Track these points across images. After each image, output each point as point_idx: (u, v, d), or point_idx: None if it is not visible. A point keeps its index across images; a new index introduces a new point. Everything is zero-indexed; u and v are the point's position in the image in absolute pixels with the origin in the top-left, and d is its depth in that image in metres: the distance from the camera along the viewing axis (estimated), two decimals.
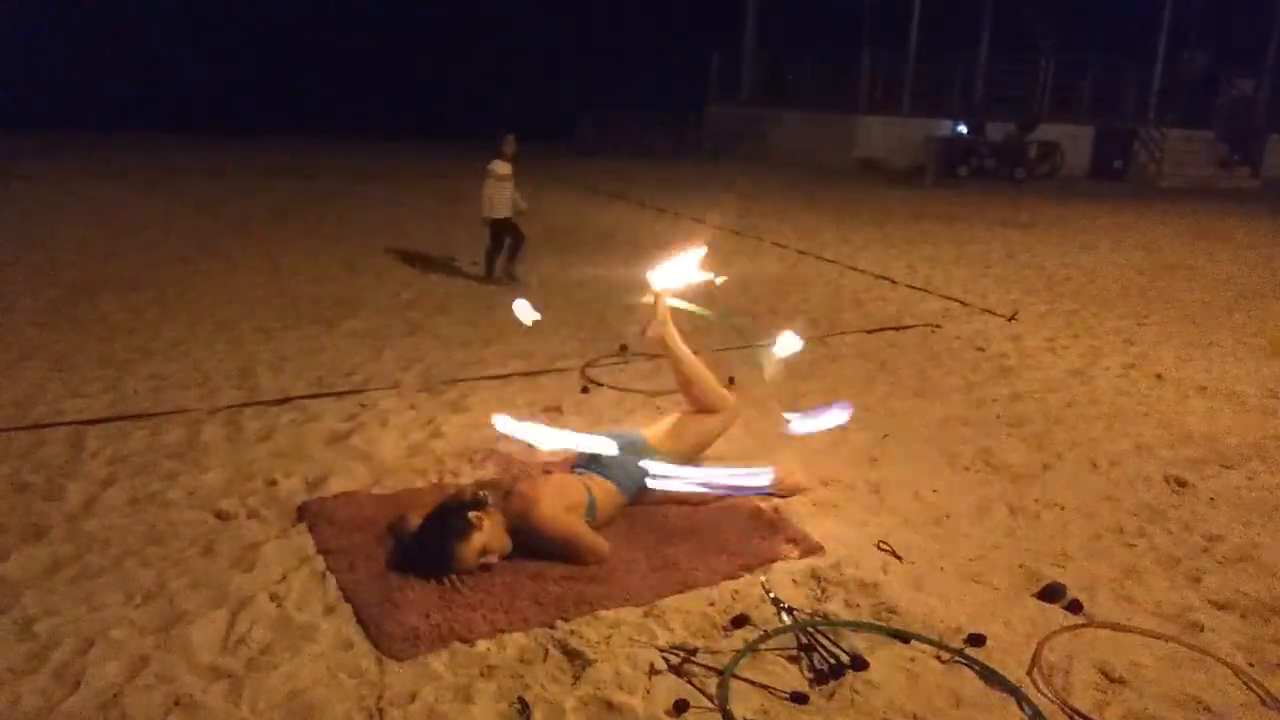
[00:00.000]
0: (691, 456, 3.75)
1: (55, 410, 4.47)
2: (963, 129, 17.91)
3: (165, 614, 2.84)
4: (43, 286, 6.89)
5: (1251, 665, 2.81)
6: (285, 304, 6.69)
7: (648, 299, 3.91)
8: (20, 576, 3.01)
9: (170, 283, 7.19)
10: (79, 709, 2.41)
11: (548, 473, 3.61)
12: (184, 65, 20.70)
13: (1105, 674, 2.73)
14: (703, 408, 3.84)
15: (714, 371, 4.00)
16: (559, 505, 3.21)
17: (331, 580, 3.06)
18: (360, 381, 5.09)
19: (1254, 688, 2.70)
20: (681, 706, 2.50)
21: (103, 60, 19.48)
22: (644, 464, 3.49)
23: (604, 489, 3.42)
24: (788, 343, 3.94)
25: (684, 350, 3.86)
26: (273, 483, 3.77)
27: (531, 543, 3.16)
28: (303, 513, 3.50)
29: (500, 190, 7.59)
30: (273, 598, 2.95)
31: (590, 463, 3.53)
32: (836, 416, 3.81)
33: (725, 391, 3.91)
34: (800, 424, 3.80)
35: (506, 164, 7.61)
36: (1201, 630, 2.97)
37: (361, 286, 7.34)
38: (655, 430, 3.74)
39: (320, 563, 3.16)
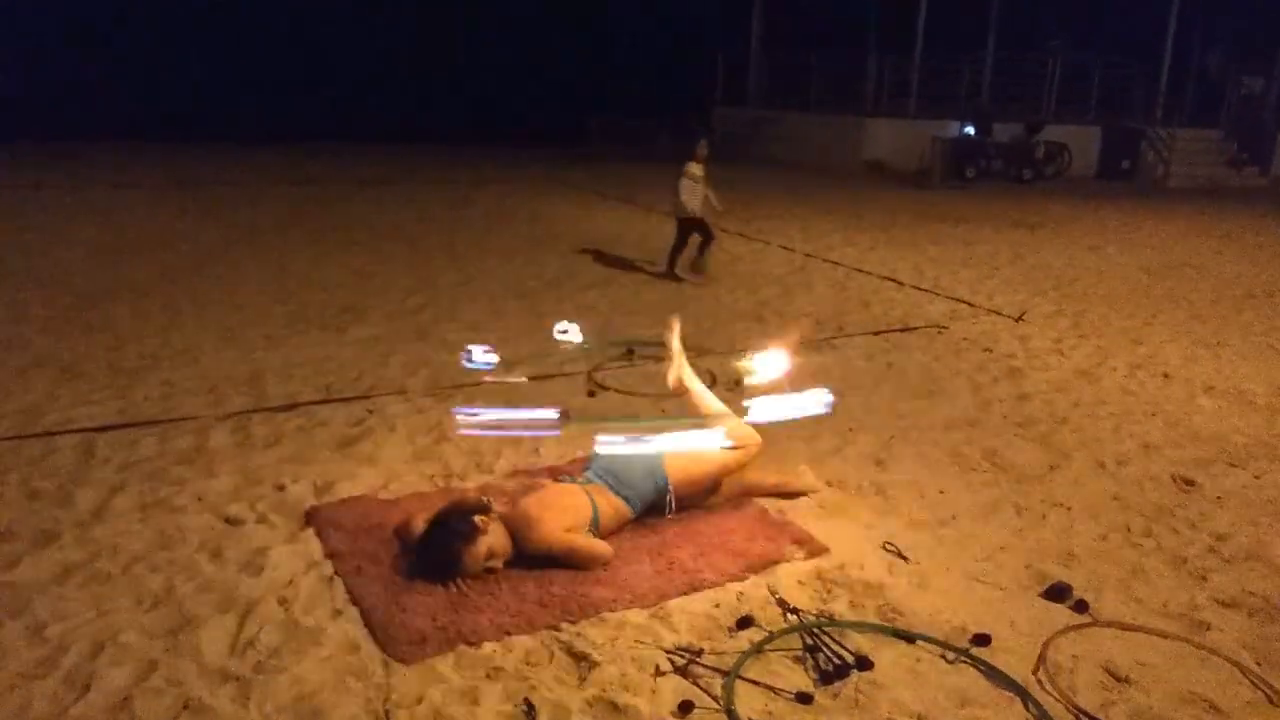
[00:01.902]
0: (704, 484, 3.63)
1: (65, 418, 4.51)
2: (970, 130, 17.87)
3: (174, 618, 2.86)
4: (53, 294, 6.94)
5: (1259, 664, 2.80)
6: (293, 310, 6.73)
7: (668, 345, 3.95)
8: (31, 582, 3.04)
9: (179, 290, 7.23)
10: (89, 713, 2.44)
11: (557, 480, 3.57)
12: (193, 74, 20.79)
13: (1111, 673, 2.73)
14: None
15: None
16: (557, 526, 3.18)
17: (339, 584, 3.08)
18: (368, 387, 5.11)
19: (1260, 686, 2.69)
20: (687, 707, 2.51)
21: (112, 70, 19.59)
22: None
23: (611, 504, 3.38)
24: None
25: (704, 392, 3.87)
26: (281, 488, 3.79)
27: (531, 557, 3.17)
28: (310, 517, 3.52)
29: (694, 190, 8.03)
30: (281, 602, 2.97)
31: (606, 475, 3.47)
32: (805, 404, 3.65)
33: (750, 429, 3.71)
34: (760, 410, 3.61)
35: (700, 165, 8.08)
36: (1208, 629, 2.97)
37: (369, 292, 7.37)
38: (678, 455, 3.58)
39: (328, 567, 3.18)
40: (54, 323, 6.21)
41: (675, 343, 3.94)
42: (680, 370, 3.93)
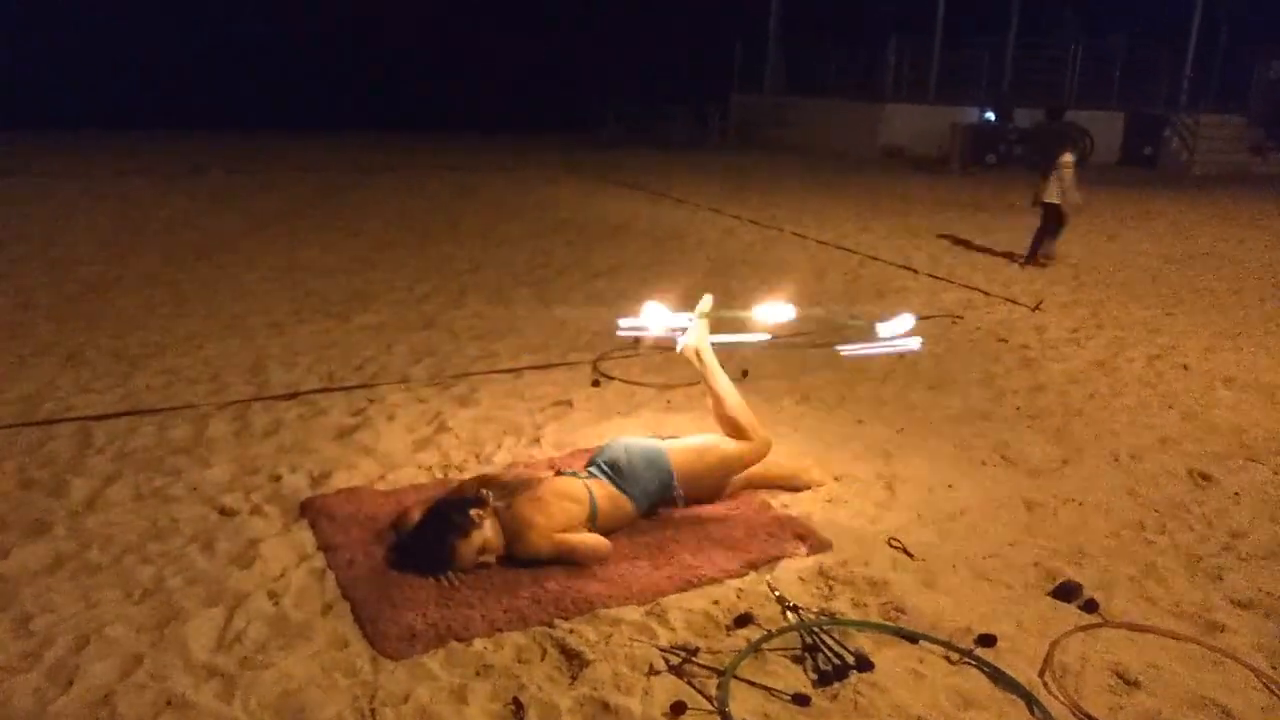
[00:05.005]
0: (711, 480, 3.57)
1: (65, 406, 4.48)
2: (990, 116, 17.65)
3: (162, 611, 2.82)
4: (60, 282, 6.93)
5: (1274, 668, 2.71)
6: (299, 298, 6.68)
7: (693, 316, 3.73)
8: (20, 573, 3.00)
9: (186, 278, 7.21)
10: (70, 708, 2.39)
11: (559, 473, 3.46)
12: (201, 62, 20.76)
13: (1120, 676, 2.64)
14: (732, 432, 3.61)
15: (726, 365, 3.87)
16: (550, 529, 3.09)
17: (330, 577, 3.03)
18: (370, 376, 5.06)
19: (1275, 690, 2.60)
20: (679, 708, 2.44)
21: (121, 57, 19.57)
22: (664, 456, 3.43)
23: (611, 499, 3.30)
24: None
25: (717, 370, 3.65)
26: (277, 478, 3.74)
27: (524, 560, 3.09)
28: (305, 509, 3.47)
29: (1066, 180, 8.36)
30: (270, 595, 2.92)
31: (609, 470, 3.39)
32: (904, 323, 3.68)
33: (757, 422, 3.67)
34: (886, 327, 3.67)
35: (1072, 156, 8.50)
36: (1222, 630, 2.88)
37: (376, 280, 7.32)
38: (680, 447, 3.54)
39: (320, 560, 3.13)
40: (59, 310, 6.19)
41: (702, 308, 3.71)
42: (698, 339, 3.68)
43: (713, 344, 3.73)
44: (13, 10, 19.18)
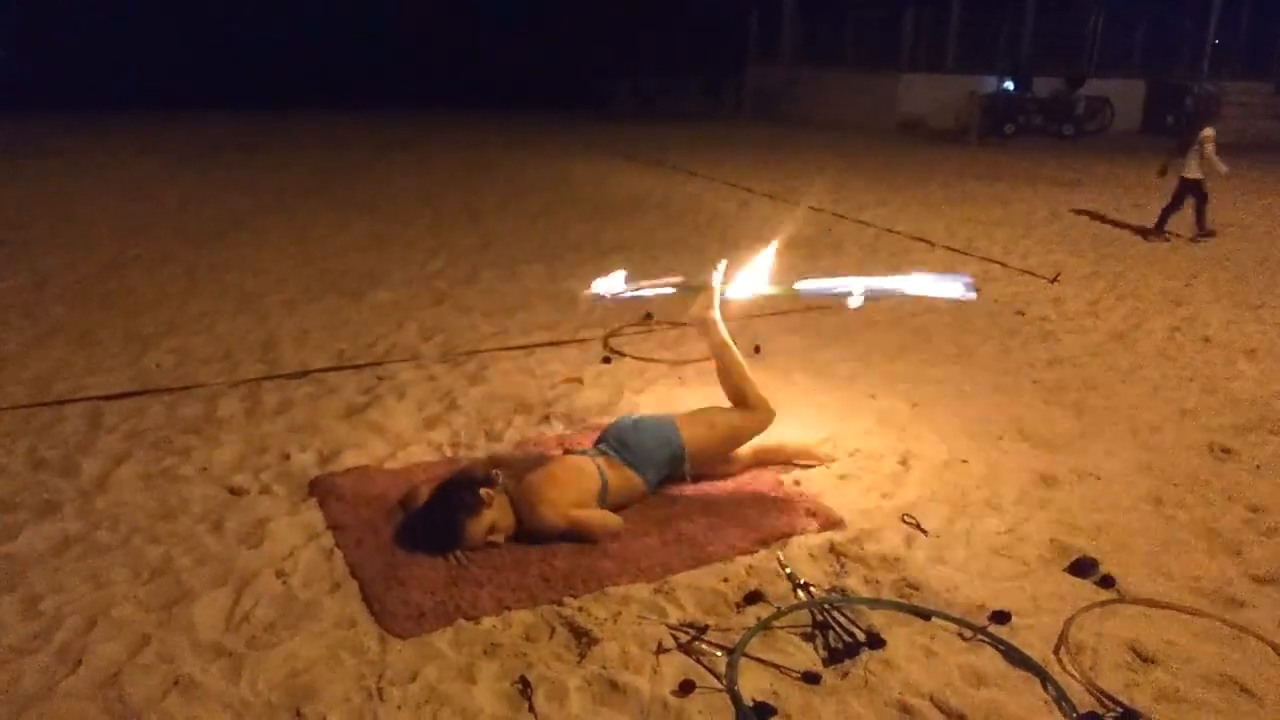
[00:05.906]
0: (720, 451, 3.55)
1: (77, 386, 4.48)
2: (1009, 85, 17.40)
3: (170, 591, 2.81)
4: (74, 262, 6.93)
5: None
6: (312, 276, 6.67)
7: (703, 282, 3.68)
8: (29, 554, 3.00)
9: (200, 257, 7.20)
10: (78, 688, 2.39)
11: (568, 451, 3.48)
12: (214, 42, 20.68)
13: (1136, 653, 2.60)
14: (738, 402, 3.62)
15: (738, 339, 3.82)
16: (563, 503, 3.09)
17: (339, 557, 3.02)
18: (381, 353, 5.04)
19: None
20: (688, 687, 2.42)
21: (133, 38, 19.53)
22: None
23: (622, 476, 3.29)
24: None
25: (726, 339, 3.63)
26: (286, 457, 3.73)
27: (536, 533, 3.08)
28: (314, 488, 3.46)
29: (1207, 154, 8.30)
30: (278, 574, 2.91)
31: (617, 446, 3.38)
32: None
33: (763, 394, 3.63)
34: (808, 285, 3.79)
35: (1214, 130, 8.39)
36: (1241, 606, 2.83)
37: (389, 257, 7.30)
38: (689, 418, 3.54)
39: (329, 539, 3.12)
40: (74, 290, 6.20)
41: (716, 278, 3.66)
42: (709, 307, 3.63)
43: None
44: None
